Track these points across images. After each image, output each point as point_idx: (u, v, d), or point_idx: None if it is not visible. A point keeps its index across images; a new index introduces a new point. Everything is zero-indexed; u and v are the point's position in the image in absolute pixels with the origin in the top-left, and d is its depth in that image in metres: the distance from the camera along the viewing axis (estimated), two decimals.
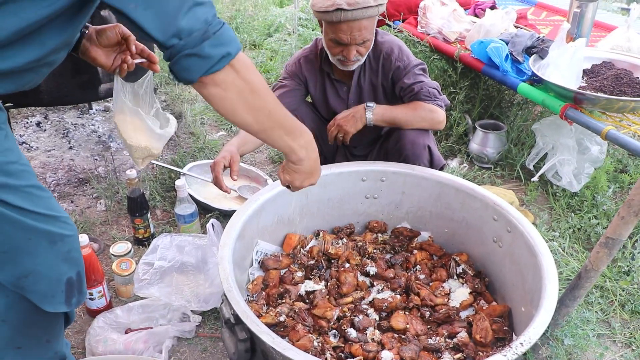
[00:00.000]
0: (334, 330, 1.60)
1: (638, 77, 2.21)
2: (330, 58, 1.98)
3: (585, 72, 2.32)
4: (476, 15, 2.98)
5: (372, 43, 1.97)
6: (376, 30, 2.02)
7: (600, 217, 2.26)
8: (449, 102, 2.11)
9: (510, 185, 2.59)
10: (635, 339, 1.76)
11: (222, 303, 1.42)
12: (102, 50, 1.42)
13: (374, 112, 1.96)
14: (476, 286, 1.76)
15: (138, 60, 1.48)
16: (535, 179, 2.44)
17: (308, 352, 1.36)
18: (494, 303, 1.73)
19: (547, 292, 1.37)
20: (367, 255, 1.88)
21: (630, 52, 2.42)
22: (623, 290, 1.92)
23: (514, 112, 2.91)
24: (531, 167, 2.55)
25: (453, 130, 2.84)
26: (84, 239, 1.72)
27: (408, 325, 1.59)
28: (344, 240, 1.93)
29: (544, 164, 2.46)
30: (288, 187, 1.40)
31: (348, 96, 2.11)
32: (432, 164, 2.02)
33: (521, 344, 1.23)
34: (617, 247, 1.38)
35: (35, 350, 1.27)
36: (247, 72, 1.12)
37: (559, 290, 1.56)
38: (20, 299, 1.16)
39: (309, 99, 2.24)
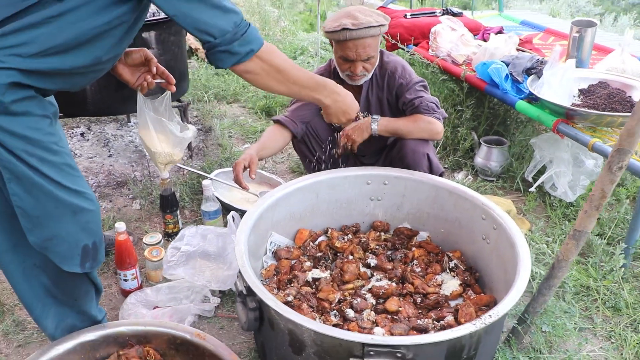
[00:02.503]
0: (335, 311, 1.80)
1: (630, 96, 2.38)
2: (340, 74, 2.23)
3: (581, 91, 2.50)
4: (484, 40, 3.20)
5: (377, 60, 2.21)
6: (382, 51, 2.27)
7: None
8: (447, 114, 2.32)
9: (511, 197, 2.76)
10: (615, 333, 1.91)
11: (237, 278, 1.65)
12: (128, 69, 1.70)
13: (379, 124, 2.19)
14: (466, 279, 1.94)
15: (158, 80, 1.75)
16: (532, 189, 2.61)
17: None
18: (482, 294, 1.91)
19: (520, 275, 1.56)
20: (369, 250, 2.09)
21: (624, 73, 2.59)
22: (608, 290, 2.07)
23: (518, 128, 3.10)
24: (530, 179, 2.72)
25: (460, 145, 3.04)
26: (121, 226, 1.98)
27: (400, 308, 1.79)
28: (349, 236, 2.14)
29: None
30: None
31: None
32: (431, 171, 2.23)
33: (490, 315, 1.42)
34: (584, 239, 1.55)
35: (67, 304, 1.55)
36: (271, 58, 1.48)
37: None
38: None
39: None
